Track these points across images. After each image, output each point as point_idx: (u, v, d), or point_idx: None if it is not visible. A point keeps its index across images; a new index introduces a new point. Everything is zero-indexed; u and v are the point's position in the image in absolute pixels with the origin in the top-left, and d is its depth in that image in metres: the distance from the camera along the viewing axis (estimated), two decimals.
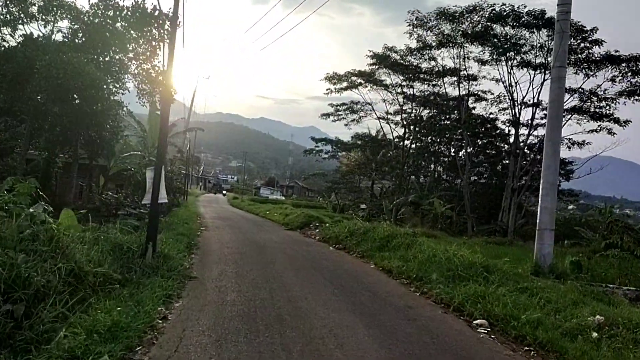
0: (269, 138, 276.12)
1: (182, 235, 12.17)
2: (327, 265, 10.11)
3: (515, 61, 29.02)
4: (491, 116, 36.47)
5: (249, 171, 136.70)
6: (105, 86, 16.46)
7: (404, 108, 40.62)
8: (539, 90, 30.35)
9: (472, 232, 32.01)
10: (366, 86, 40.41)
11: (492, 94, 36.96)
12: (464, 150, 37.32)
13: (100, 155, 22.22)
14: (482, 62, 29.80)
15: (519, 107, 32.24)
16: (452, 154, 43.20)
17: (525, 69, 29.86)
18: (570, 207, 55.82)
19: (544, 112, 33.30)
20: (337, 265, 10.14)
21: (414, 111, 40.23)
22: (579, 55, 28.60)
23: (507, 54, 28.60)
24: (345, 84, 40.35)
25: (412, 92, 38.81)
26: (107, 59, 19.12)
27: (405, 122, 40.85)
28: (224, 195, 70.70)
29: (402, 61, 36.99)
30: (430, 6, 33.48)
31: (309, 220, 21.32)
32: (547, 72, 28.96)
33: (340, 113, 42.01)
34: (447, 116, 39.17)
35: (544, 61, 29.12)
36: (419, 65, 37.00)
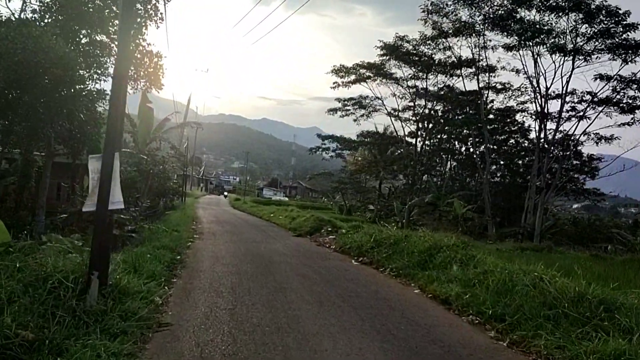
0: (271, 139, 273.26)
1: (164, 248, 9.47)
2: (357, 291, 7.41)
3: (544, 47, 26.24)
4: (511, 110, 33.69)
5: (252, 172, 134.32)
6: (77, 67, 13.77)
7: (416, 103, 37.94)
8: (568, 79, 27.62)
9: (493, 236, 29.30)
10: (375, 79, 37.74)
11: (512, 86, 34.31)
12: (483, 147, 34.52)
13: (82, 152, 19.55)
14: (508, 48, 27.03)
15: (545, 98, 29.48)
16: (468, 151, 40.46)
17: (552, 56, 27.16)
18: (575, 205, 52.61)
19: (569, 104, 30.54)
20: (371, 292, 7.44)
21: (427, 106, 37.52)
22: (615, 40, 25.86)
23: (536, 39, 25.80)
24: (353, 77, 37.68)
25: (425, 85, 36.12)
26: (84, 40, 16.55)
27: (417, 118, 38.13)
28: (226, 197, 67.39)
29: (414, 51, 34.34)
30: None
31: (320, 224, 18.64)
32: (579, 56, 26.17)
33: (348, 108, 39.27)
34: (463, 110, 36.44)
35: (574, 46, 26.38)
36: (433, 55, 34.37)
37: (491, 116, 34.36)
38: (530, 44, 26.01)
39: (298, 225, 19.70)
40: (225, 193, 76.06)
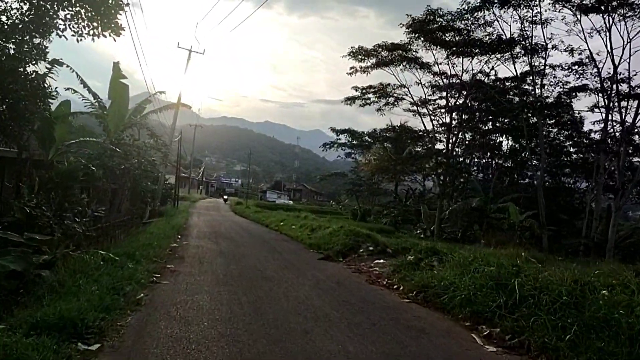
0: (274, 141, 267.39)
1: (63, 324, 3.83)
2: None
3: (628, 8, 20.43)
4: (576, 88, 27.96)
5: (254, 175, 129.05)
6: None
7: (448, 91, 32.21)
8: None
9: (547, 249, 23.66)
10: (398, 64, 32.04)
11: (564, 68, 28.63)
12: (536, 141, 28.72)
13: (15, 138, 13.91)
14: (584, 10, 21.25)
15: (616, 80, 23.82)
16: (511, 148, 34.68)
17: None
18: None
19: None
20: None
21: (462, 94, 31.80)
22: None
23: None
24: (374, 60, 31.95)
25: (461, 69, 30.46)
26: None
27: (449, 107, 32.37)
28: (226, 201, 59.76)
29: (449, 26, 28.79)
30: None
31: (356, 241, 13.01)
32: None
33: (369, 96, 33.47)
34: (505, 98, 30.78)
35: None
36: (471, 33, 28.78)
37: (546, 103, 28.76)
38: (614, 3, 20.23)
39: (322, 240, 14.06)
40: (225, 196, 66.88)
